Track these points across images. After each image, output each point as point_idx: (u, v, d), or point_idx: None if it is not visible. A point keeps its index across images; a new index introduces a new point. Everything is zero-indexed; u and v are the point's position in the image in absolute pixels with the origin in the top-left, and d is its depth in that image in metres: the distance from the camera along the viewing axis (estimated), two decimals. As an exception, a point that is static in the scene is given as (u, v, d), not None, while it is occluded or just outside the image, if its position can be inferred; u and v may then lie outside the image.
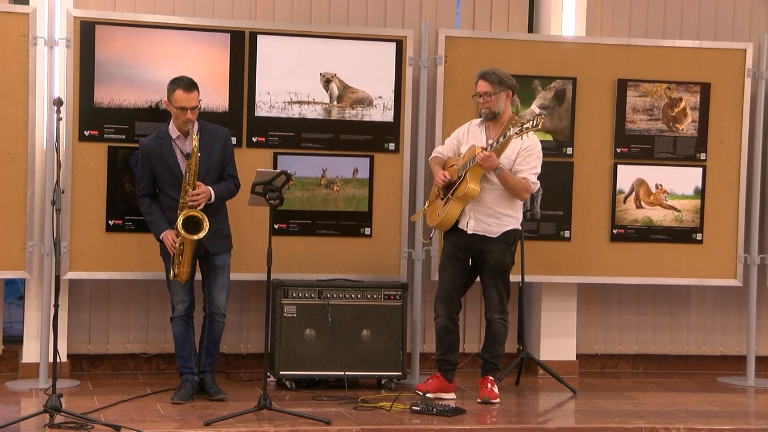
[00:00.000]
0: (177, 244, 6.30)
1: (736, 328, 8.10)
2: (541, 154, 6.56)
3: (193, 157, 6.27)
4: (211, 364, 6.56)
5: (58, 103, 5.89)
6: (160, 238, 6.39)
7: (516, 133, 6.29)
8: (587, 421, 6.27)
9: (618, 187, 7.57)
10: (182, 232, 6.22)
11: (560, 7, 7.68)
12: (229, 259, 6.53)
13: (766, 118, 7.70)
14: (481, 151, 6.35)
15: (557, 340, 7.74)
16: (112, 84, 6.91)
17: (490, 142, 6.46)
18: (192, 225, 6.25)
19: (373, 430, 5.87)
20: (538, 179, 6.54)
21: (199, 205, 6.27)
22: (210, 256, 6.46)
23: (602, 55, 7.52)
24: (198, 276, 6.55)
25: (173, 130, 6.43)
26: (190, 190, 6.27)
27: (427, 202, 6.86)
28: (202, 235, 6.24)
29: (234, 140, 6.98)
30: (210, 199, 6.32)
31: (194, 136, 6.27)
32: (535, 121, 6.23)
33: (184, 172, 6.31)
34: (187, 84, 6.36)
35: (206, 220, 6.24)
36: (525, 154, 6.48)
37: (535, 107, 6.85)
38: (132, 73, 6.93)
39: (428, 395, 6.55)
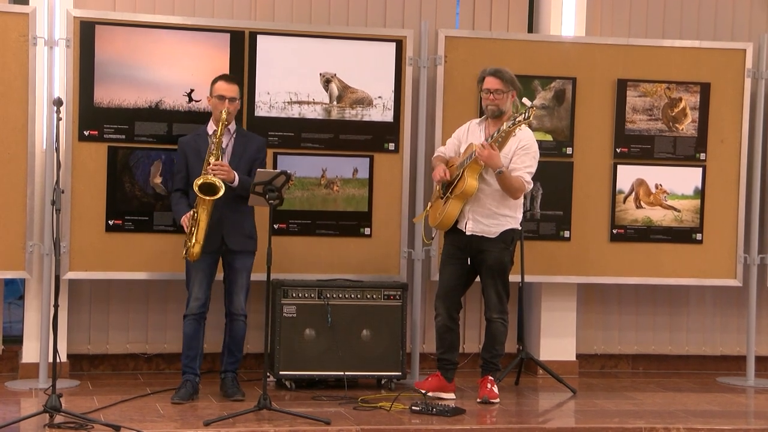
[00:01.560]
0: (191, 216, 6.30)
1: (736, 328, 8.10)
2: (538, 155, 6.57)
3: (220, 126, 6.31)
4: (234, 364, 6.57)
5: (58, 103, 5.89)
6: (181, 221, 6.41)
7: (509, 127, 6.30)
8: (587, 421, 6.27)
9: (618, 187, 7.57)
10: (197, 192, 6.21)
11: (560, 7, 7.68)
12: (250, 262, 6.52)
13: (766, 118, 7.69)
14: (477, 151, 6.34)
15: (557, 340, 7.74)
16: (112, 84, 6.91)
17: (486, 138, 6.46)
18: (208, 189, 6.24)
19: (373, 430, 5.87)
20: (533, 179, 6.55)
21: (220, 174, 6.25)
22: (231, 256, 6.47)
23: (602, 55, 7.52)
24: (218, 277, 6.57)
25: (210, 127, 6.50)
26: (212, 159, 6.29)
27: (429, 204, 6.87)
28: (217, 196, 6.20)
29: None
30: (233, 182, 6.31)
31: (224, 111, 6.32)
32: (527, 113, 6.25)
33: (209, 143, 6.34)
34: (229, 77, 6.57)
35: (223, 187, 6.22)
36: (521, 153, 6.49)
37: (526, 100, 6.85)
38: (132, 73, 6.93)
39: (428, 394, 6.54)
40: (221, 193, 6.22)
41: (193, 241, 6.30)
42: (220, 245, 6.42)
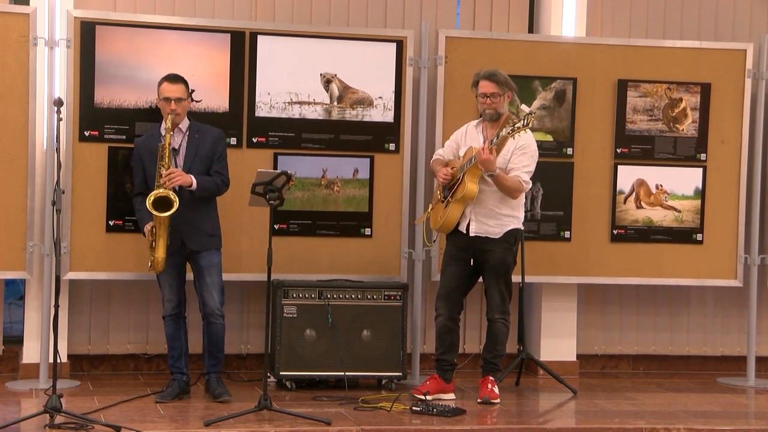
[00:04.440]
0: (149, 229, 6.29)
1: (737, 328, 8.10)
2: (536, 154, 6.56)
3: (167, 137, 6.28)
4: (214, 366, 6.51)
5: (59, 103, 5.89)
6: (143, 230, 6.40)
7: (508, 133, 6.30)
8: (587, 421, 6.27)
9: (618, 187, 7.57)
10: (151, 209, 6.19)
11: (560, 7, 7.68)
12: (216, 258, 6.48)
13: (767, 119, 7.70)
14: (476, 153, 6.34)
15: (557, 341, 7.74)
16: (113, 84, 6.91)
17: (487, 143, 6.44)
18: (162, 204, 6.22)
19: (373, 430, 5.87)
20: (531, 179, 6.55)
21: (173, 183, 6.22)
22: (194, 256, 6.44)
23: (602, 55, 7.52)
24: (189, 276, 6.55)
25: (164, 128, 6.45)
26: (164, 171, 6.26)
27: (430, 205, 6.86)
28: (170, 212, 6.18)
29: (234, 141, 7.00)
30: (191, 185, 6.30)
31: (169, 119, 6.29)
32: (525, 120, 6.24)
33: (158, 156, 6.31)
34: (172, 77, 6.46)
35: (176, 200, 6.20)
36: (519, 153, 6.49)
37: (524, 106, 6.83)
38: (132, 74, 6.93)
39: (427, 395, 6.53)
40: (174, 208, 6.18)
41: (155, 254, 6.29)
42: (180, 247, 6.39)
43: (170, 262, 6.39)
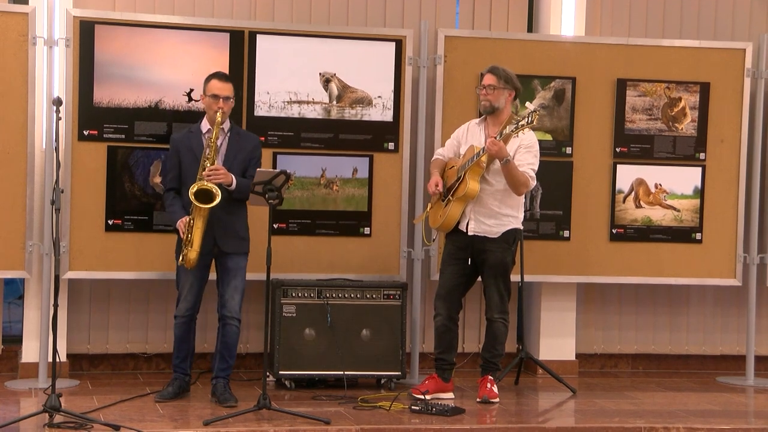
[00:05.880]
0: (187, 222, 6.23)
1: (736, 327, 8.10)
2: (539, 153, 6.57)
3: (216, 130, 6.25)
4: (225, 370, 6.43)
5: (58, 102, 5.89)
6: (176, 226, 6.33)
7: (512, 131, 6.30)
8: (587, 420, 6.27)
9: (617, 186, 7.57)
10: (193, 200, 6.15)
11: (560, 6, 7.68)
12: (243, 262, 6.44)
13: (766, 118, 7.70)
14: (488, 145, 6.32)
15: (557, 340, 7.74)
16: (112, 84, 6.91)
17: (494, 136, 6.43)
18: (204, 196, 6.18)
19: (373, 429, 5.87)
20: (534, 178, 6.55)
21: (216, 179, 6.19)
22: (223, 257, 6.40)
23: (602, 54, 7.52)
24: (211, 276, 6.52)
25: (204, 125, 6.44)
26: (209, 164, 6.24)
27: (429, 204, 6.86)
28: (213, 204, 6.14)
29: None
30: (231, 185, 6.27)
31: (220, 113, 6.25)
32: (530, 118, 6.24)
33: (204, 147, 6.30)
34: (222, 75, 6.46)
35: (219, 194, 6.16)
36: (523, 151, 6.49)
37: (528, 104, 6.85)
38: (131, 73, 6.94)
39: (427, 395, 6.54)
40: (217, 200, 6.15)
41: (190, 248, 6.23)
42: (212, 247, 6.35)
43: (199, 263, 6.31)
